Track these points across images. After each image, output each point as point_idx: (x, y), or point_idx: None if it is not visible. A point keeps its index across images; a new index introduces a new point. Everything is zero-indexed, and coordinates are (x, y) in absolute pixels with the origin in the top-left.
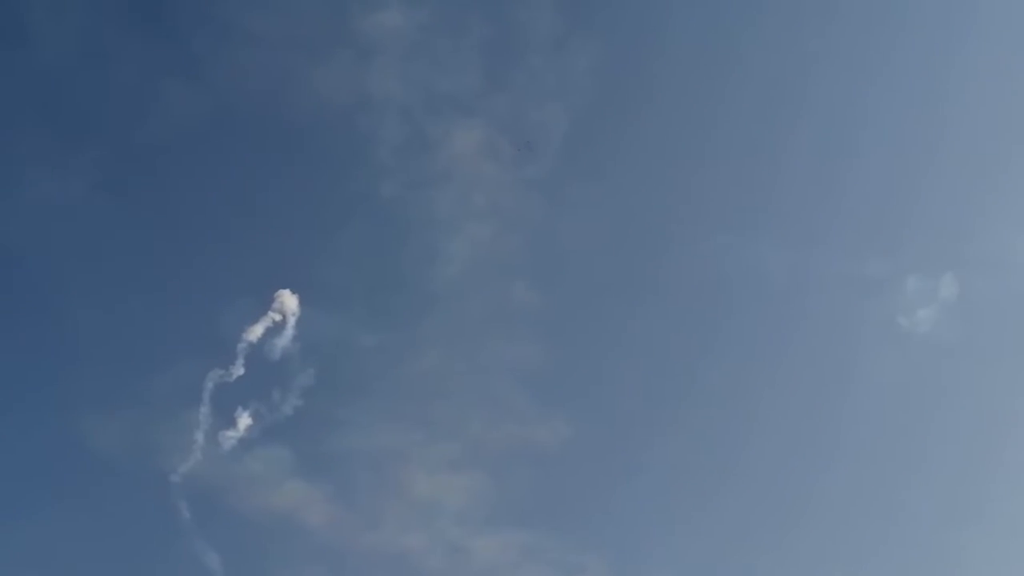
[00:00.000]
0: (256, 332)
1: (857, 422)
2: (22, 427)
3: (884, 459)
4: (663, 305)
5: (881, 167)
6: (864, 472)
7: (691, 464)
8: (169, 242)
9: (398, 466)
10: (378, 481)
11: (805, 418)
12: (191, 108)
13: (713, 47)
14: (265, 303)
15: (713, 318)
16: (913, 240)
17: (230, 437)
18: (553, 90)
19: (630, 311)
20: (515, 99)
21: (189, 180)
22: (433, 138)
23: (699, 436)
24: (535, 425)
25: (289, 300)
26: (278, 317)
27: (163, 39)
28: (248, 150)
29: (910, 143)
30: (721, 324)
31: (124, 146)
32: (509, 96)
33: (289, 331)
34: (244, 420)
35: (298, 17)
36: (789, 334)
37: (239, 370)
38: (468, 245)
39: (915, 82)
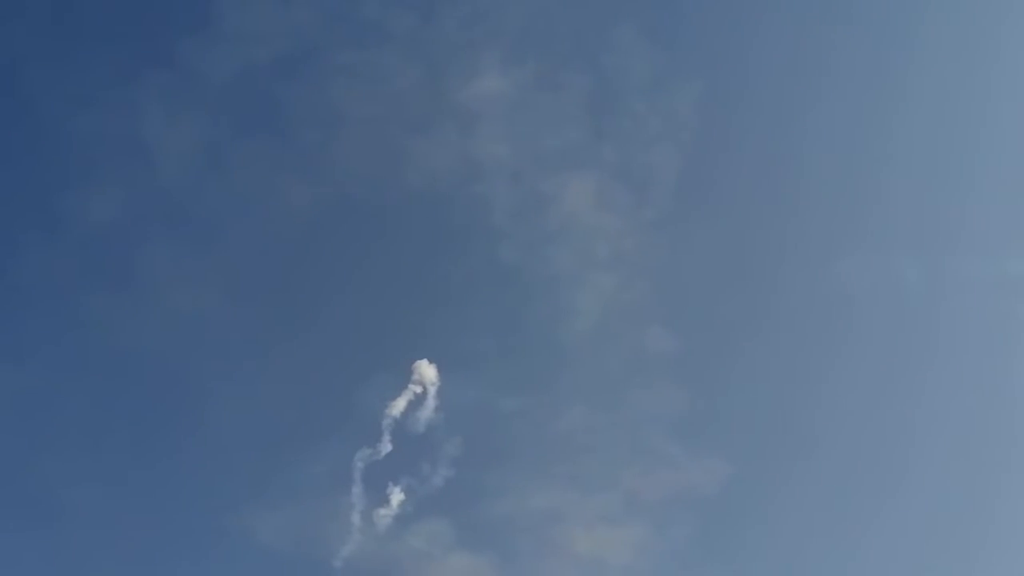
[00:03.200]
0: (399, 406)
1: (1015, 429)
2: (192, 531)
3: None
4: (802, 330)
5: (1008, 159)
6: None
7: (859, 488)
8: (302, 331)
9: (557, 526)
10: (539, 544)
11: (962, 430)
12: (308, 198)
13: (812, 63)
14: (404, 376)
15: (855, 336)
16: None
17: (385, 515)
18: (660, 131)
19: (769, 341)
20: (624, 145)
21: (314, 268)
22: (547, 195)
23: (860, 457)
24: (690, 470)
25: (427, 370)
26: (419, 389)
27: (274, 136)
28: (366, 231)
29: None
30: (864, 341)
31: (249, 246)
32: (617, 143)
33: (431, 402)
34: (397, 496)
35: (398, 96)
36: (934, 343)
37: (387, 447)
38: (596, 297)
39: None
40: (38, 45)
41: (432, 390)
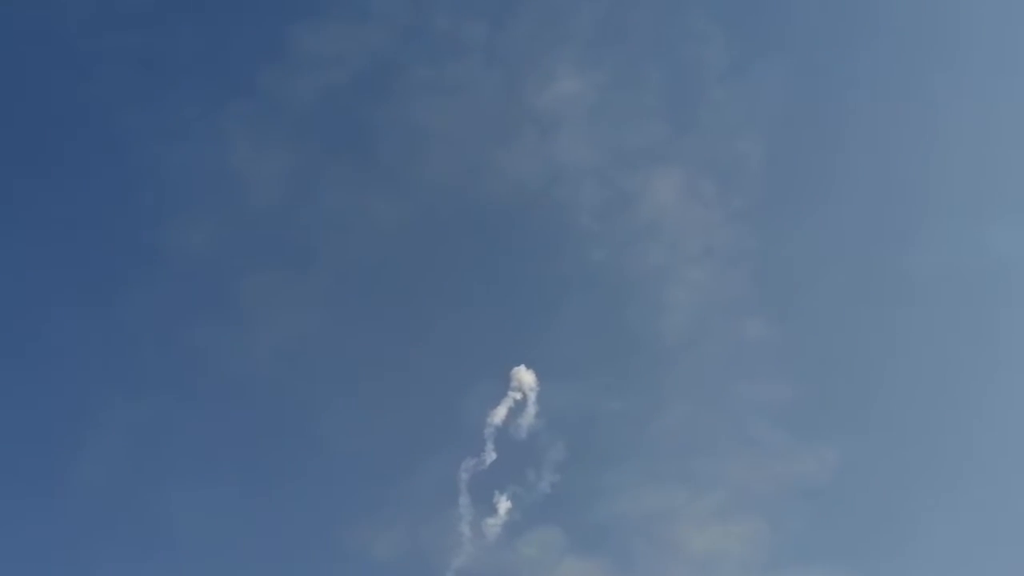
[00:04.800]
0: (500, 414)
1: None
2: (310, 552)
3: None
4: (904, 310)
5: None
6: None
7: (981, 470)
8: (400, 346)
9: (668, 526)
10: (652, 545)
11: None
12: (397, 214)
13: (896, 39)
14: (503, 384)
15: (968, 314)
16: None
17: (493, 525)
18: (743, 119)
19: (872, 322)
20: (707, 136)
21: (408, 284)
22: (633, 193)
23: (978, 436)
24: (800, 460)
25: (526, 376)
26: (518, 395)
27: (359, 156)
28: (455, 243)
29: None
30: (981, 319)
31: (344, 266)
32: (700, 134)
33: (531, 408)
34: (504, 505)
35: (477, 106)
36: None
37: (491, 455)
38: (690, 291)
39: None
40: (125, 87)
41: (532, 396)
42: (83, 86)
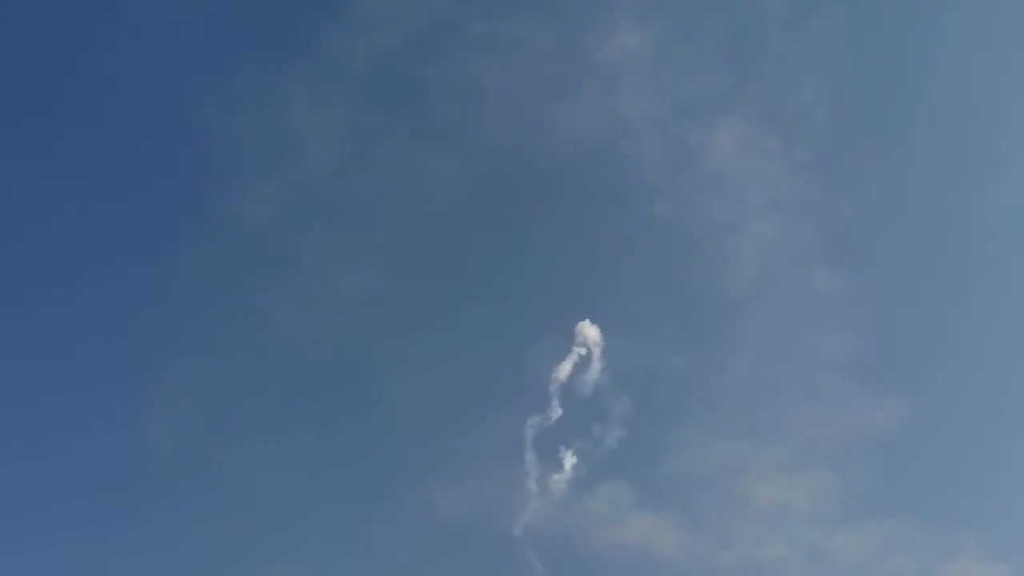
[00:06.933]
0: (565, 370)
1: None
2: (378, 510)
3: None
4: (978, 260)
5: None
6: None
7: None
8: (464, 304)
9: (736, 479)
10: (719, 498)
11: None
12: (458, 173)
13: None
14: (567, 340)
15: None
16: None
17: (559, 481)
18: (805, 69)
19: (942, 273)
20: (768, 87)
21: (470, 241)
22: (695, 146)
23: None
24: (867, 411)
25: (591, 331)
26: (583, 351)
27: (418, 116)
28: (517, 200)
29: None
30: None
31: (405, 226)
32: (762, 85)
33: (596, 363)
34: (570, 460)
35: (536, 62)
36: None
37: (556, 411)
38: (756, 244)
39: None
40: (184, 52)
41: (597, 351)
42: (142, 52)
